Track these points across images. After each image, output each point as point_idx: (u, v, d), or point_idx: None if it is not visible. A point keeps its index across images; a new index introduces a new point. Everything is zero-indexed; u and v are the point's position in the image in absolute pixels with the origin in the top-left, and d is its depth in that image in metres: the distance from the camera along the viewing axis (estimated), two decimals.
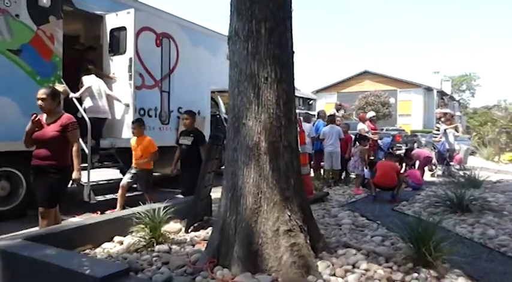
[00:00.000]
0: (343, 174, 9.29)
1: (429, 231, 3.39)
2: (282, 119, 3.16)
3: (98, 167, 7.22)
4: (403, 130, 25.81)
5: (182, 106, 8.92)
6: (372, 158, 10.34)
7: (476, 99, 77.31)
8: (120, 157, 7.17)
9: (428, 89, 42.47)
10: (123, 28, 7.04)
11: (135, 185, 6.28)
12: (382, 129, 27.76)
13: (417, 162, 9.91)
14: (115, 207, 5.98)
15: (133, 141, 6.22)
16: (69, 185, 4.28)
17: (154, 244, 3.78)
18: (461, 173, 9.44)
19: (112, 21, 7.19)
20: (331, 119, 9.23)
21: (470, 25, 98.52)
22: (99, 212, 5.83)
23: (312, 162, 9.41)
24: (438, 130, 11.54)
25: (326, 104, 44.21)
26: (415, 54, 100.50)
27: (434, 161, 11.09)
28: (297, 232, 3.05)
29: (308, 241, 3.12)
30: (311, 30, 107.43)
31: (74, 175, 4.01)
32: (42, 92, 3.95)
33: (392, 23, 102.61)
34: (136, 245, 3.77)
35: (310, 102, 49.00)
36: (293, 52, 3.42)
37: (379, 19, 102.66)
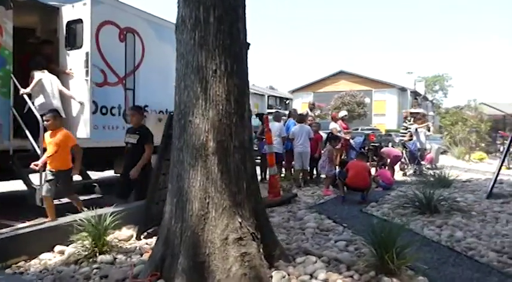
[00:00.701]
0: (314, 174, 9.09)
1: (393, 236, 3.18)
2: (233, 116, 2.87)
3: None
4: (378, 130, 25.98)
5: (148, 104, 8.57)
6: (345, 157, 10.22)
7: (448, 99, 79.19)
8: None
9: (402, 89, 43.09)
10: (80, 20, 6.60)
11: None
12: (357, 129, 27.99)
13: (388, 161, 9.81)
14: (71, 211, 5.52)
15: (47, 136, 5.10)
16: None
17: (97, 254, 3.44)
18: (431, 172, 9.39)
19: (68, 13, 6.75)
20: (301, 119, 9.02)
21: (443, 26, 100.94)
22: None
23: (283, 162, 9.22)
24: (406, 129, 11.48)
25: (302, 104, 44.26)
26: (389, 54, 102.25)
27: (405, 160, 11.06)
28: (248, 240, 2.77)
29: (261, 250, 2.85)
30: (288, 29, 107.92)
31: None
32: None
33: (368, 23, 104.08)
34: (77, 256, 3.43)
35: (287, 102, 48.99)
36: (247, 43, 3.14)
37: (355, 19, 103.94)
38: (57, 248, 3.63)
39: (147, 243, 3.87)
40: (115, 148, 7.10)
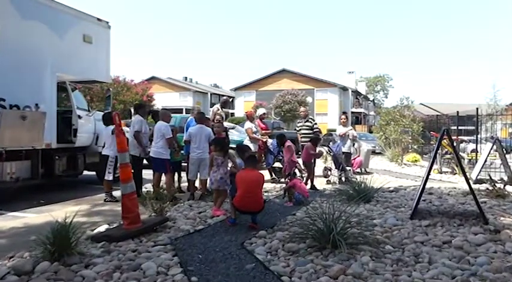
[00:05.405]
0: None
1: None
2: None
3: None
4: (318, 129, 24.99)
5: (5, 97, 6.90)
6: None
7: (389, 99, 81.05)
8: None
9: (344, 89, 43.01)
10: None
11: None
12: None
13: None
14: None
15: None
16: None
17: None
18: (352, 180, 8.04)
19: None
20: (200, 118, 7.34)
21: (384, 27, 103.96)
22: None
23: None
24: (311, 129, 9.86)
25: (245, 102, 43.05)
26: (331, 54, 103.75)
27: (329, 165, 9.75)
28: None
29: None
30: (232, 26, 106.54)
31: None
32: None
33: (310, 22, 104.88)
34: None
35: (230, 100, 47.45)
36: None
37: (298, 18, 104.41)
38: None
39: None
40: None
